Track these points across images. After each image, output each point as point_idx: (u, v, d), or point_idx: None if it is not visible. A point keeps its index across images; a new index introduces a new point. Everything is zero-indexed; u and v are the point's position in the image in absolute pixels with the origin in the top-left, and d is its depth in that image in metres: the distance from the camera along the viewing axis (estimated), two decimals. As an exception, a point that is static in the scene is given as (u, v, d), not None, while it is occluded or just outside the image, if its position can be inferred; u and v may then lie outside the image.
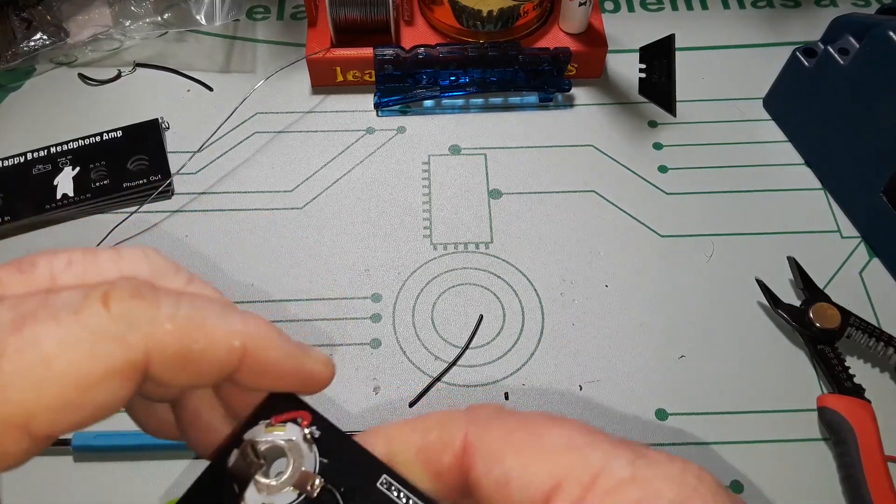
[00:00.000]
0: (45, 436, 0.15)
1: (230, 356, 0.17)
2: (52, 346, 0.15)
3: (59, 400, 0.15)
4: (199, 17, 0.48)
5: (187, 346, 0.16)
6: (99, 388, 0.15)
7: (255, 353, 0.17)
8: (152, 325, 0.16)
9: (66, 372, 0.15)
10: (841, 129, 0.42)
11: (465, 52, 0.45)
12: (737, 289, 0.40)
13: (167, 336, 0.16)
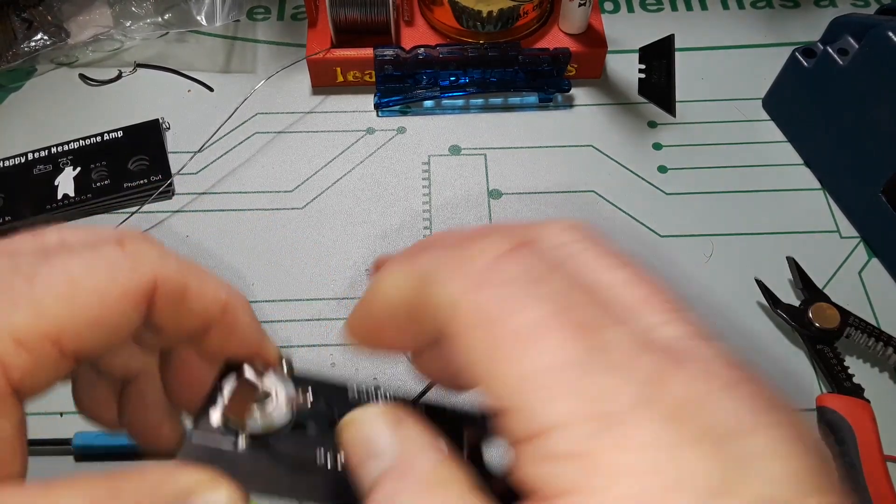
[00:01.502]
0: (73, 351, 0.17)
1: (215, 306, 0.19)
2: (78, 270, 0.17)
3: (85, 316, 0.17)
4: (200, 17, 0.48)
5: (185, 284, 0.19)
6: (116, 309, 0.17)
7: (233, 312, 0.20)
8: (160, 261, 0.18)
9: (91, 292, 0.17)
10: (840, 129, 0.42)
11: (465, 53, 0.46)
12: (736, 289, 0.40)
13: (171, 272, 0.18)
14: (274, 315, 0.39)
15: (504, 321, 0.14)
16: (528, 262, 0.15)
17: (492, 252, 0.15)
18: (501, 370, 0.13)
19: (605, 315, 0.14)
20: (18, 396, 0.16)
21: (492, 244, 0.15)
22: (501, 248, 0.15)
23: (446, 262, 0.16)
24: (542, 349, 0.13)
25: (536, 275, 0.15)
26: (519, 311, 0.14)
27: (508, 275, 0.15)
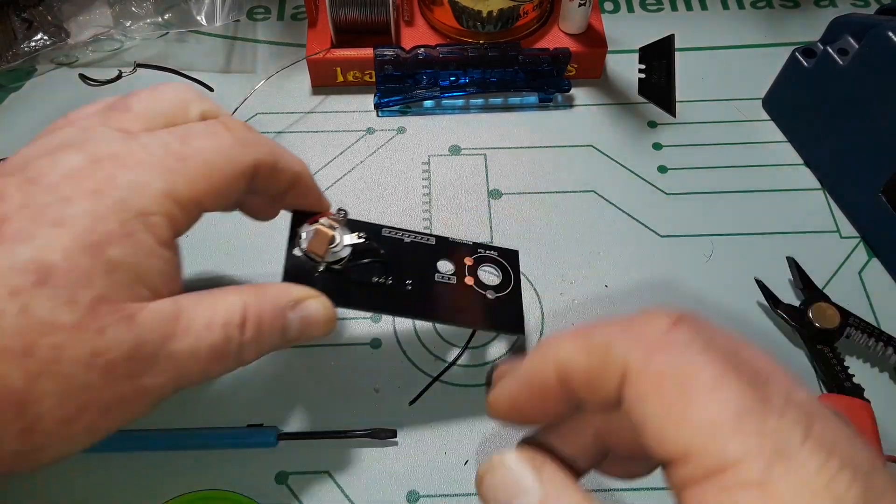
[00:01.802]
0: (205, 210, 0.25)
1: (293, 176, 0.28)
2: (210, 155, 0.25)
3: (215, 187, 0.25)
4: (200, 17, 0.48)
5: (276, 161, 0.27)
6: (234, 181, 0.25)
7: (303, 178, 0.29)
8: (258, 145, 0.27)
9: (219, 170, 0.25)
10: (840, 129, 0.42)
11: (465, 53, 0.46)
12: (736, 289, 0.40)
13: (266, 154, 0.27)
14: (274, 315, 0.39)
15: (687, 377, 0.17)
16: (695, 332, 0.18)
17: (660, 325, 0.18)
18: (686, 418, 0.16)
19: (760, 375, 0.17)
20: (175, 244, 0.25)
21: (658, 319, 0.19)
22: (667, 322, 0.19)
23: (621, 335, 0.19)
24: (722, 399, 0.16)
25: (704, 341, 0.18)
26: (699, 369, 0.17)
27: (682, 342, 0.18)
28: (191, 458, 0.35)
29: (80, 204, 0.22)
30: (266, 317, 0.26)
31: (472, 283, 0.34)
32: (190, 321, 0.24)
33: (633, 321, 0.19)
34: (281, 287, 0.28)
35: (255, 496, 0.34)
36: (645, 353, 0.18)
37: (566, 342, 0.20)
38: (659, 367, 0.17)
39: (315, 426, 0.36)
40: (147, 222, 0.23)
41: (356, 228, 0.32)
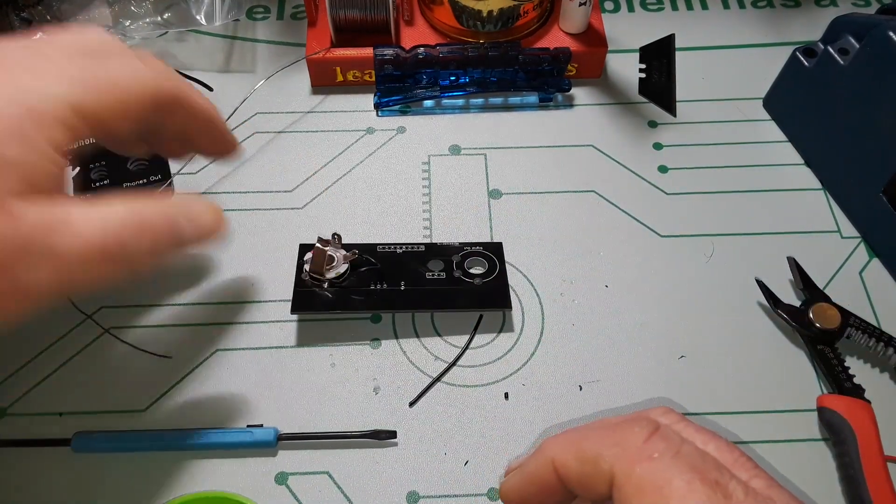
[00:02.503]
0: (102, 123, 0.26)
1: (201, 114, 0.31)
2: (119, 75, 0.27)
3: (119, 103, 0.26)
4: (199, 16, 0.48)
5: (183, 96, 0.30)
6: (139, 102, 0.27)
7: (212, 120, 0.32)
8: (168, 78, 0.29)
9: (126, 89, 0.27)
10: (841, 129, 0.42)
11: (465, 53, 0.45)
12: (737, 289, 0.40)
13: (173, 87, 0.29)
14: (275, 314, 0.39)
15: (663, 485, 0.21)
16: (666, 443, 0.22)
17: (639, 437, 0.22)
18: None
19: (722, 474, 0.21)
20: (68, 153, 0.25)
21: (637, 431, 0.22)
22: (644, 434, 0.22)
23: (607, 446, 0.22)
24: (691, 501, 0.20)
25: (675, 450, 0.22)
26: (672, 477, 0.21)
27: (658, 451, 0.22)
28: (191, 458, 0.35)
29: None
30: (158, 220, 0.27)
31: (461, 276, 0.39)
32: (78, 221, 0.24)
33: (616, 430, 0.23)
34: (168, 194, 0.30)
35: (254, 496, 0.34)
36: (627, 464, 0.21)
37: (562, 449, 0.24)
38: (639, 476, 0.21)
39: (315, 427, 0.36)
40: (42, 124, 0.23)
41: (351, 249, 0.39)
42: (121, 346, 0.38)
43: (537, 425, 0.36)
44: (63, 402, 0.36)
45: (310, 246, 0.38)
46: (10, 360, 0.38)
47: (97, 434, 0.35)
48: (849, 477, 0.33)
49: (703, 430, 0.24)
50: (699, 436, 0.23)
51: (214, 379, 0.37)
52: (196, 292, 0.40)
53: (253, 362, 0.38)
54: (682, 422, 0.24)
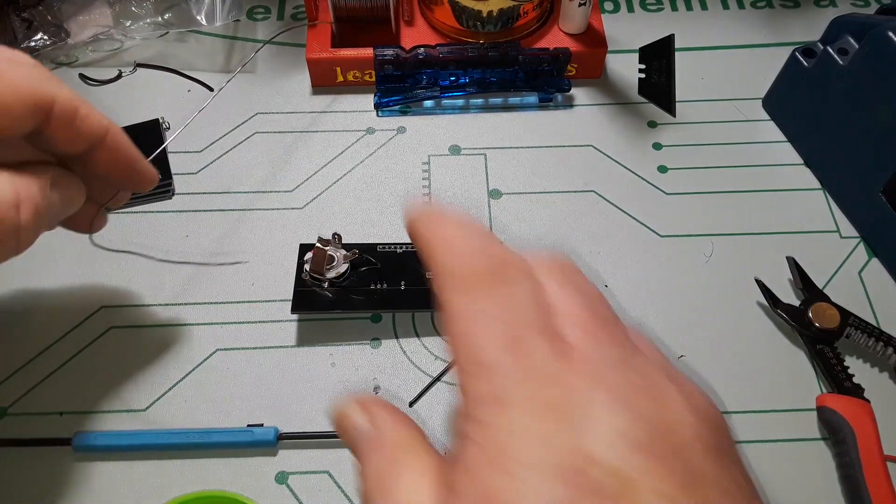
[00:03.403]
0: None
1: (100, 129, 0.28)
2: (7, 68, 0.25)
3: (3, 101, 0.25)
4: (200, 17, 0.48)
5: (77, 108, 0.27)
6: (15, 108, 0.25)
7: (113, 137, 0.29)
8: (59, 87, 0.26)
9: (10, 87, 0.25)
10: (840, 129, 0.42)
11: (464, 53, 0.45)
12: (736, 289, 0.40)
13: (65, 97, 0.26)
14: (275, 314, 0.39)
15: (467, 318, 0.19)
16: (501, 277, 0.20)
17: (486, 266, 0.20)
18: None
19: (533, 334, 0.18)
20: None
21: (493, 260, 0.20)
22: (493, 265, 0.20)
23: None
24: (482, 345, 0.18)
25: (500, 280, 0.20)
26: (480, 313, 0.19)
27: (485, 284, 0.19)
28: (191, 457, 0.35)
29: None
30: (38, 197, 0.26)
31: None
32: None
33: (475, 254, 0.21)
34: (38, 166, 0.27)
35: (255, 496, 0.34)
36: (451, 290, 0.20)
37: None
38: (455, 304, 0.19)
39: (315, 426, 0.36)
40: None
41: (351, 248, 0.39)
42: (121, 345, 0.38)
43: (537, 425, 0.36)
44: (63, 402, 0.37)
45: (310, 246, 0.39)
46: (11, 360, 0.38)
47: (97, 434, 0.35)
48: (848, 476, 0.34)
49: (586, 291, 0.21)
50: (572, 295, 0.21)
51: (215, 379, 0.37)
52: (196, 292, 0.40)
53: (253, 362, 0.38)
54: (569, 277, 0.21)
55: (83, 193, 0.29)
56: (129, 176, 0.30)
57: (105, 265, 0.41)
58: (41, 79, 0.25)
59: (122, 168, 0.30)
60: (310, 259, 0.38)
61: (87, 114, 0.27)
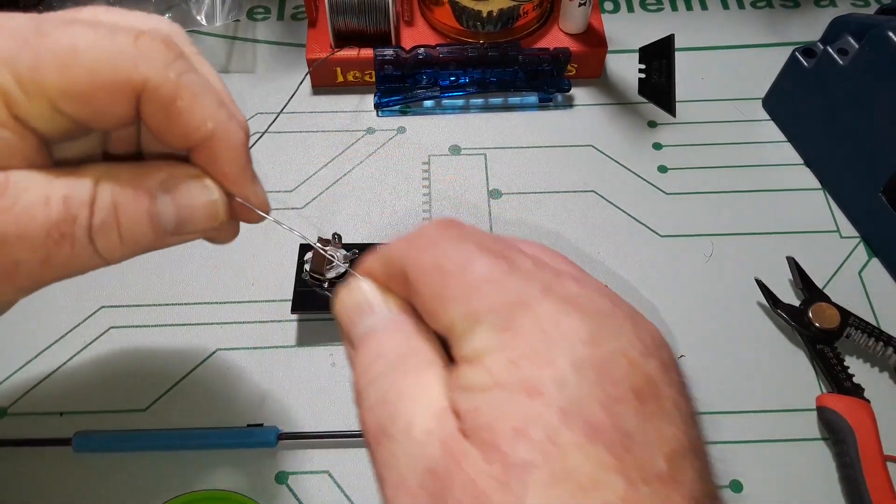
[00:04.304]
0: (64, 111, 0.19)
1: (196, 132, 0.21)
2: (83, 44, 0.19)
3: (78, 87, 0.19)
4: (200, 17, 0.48)
5: (172, 99, 0.20)
6: (107, 96, 0.19)
7: (217, 145, 0.21)
8: (161, 67, 0.20)
9: (89, 67, 0.19)
10: (840, 129, 0.42)
11: (465, 53, 0.46)
12: (736, 289, 0.40)
13: (166, 82, 0.20)
14: (275, 315, 0.39)
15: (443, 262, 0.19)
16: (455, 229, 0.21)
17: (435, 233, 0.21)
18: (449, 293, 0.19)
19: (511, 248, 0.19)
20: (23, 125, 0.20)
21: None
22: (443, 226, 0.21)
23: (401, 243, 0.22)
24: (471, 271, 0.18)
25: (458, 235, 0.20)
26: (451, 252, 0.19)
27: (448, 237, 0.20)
28: (191, 458, 0.35)
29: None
30: (125, 196, 0.21)
31: None
32: (18, 193, 0.19)
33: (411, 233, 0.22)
34: (153, 164, 0.22)
35: (255, 496, 0.34)
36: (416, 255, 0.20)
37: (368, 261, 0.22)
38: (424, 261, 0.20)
39: (315, 426, 0.36)
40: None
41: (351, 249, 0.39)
42: (121, 345, 0.38)
43: (537, 425, 0.36)
44: (63, 402, 0.37)
45: (310, 246, 0.39)
46: (11, 360, 0.38)
47: (98, 434, 0.35)
48: (848, 476, 0.34)
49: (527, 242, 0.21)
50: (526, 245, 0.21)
51: (214, 379, 0.37)
52: (196, 292, 0.40)
53: (253, 362, 0.38)
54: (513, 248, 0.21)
55: (217, 208, 0.22)
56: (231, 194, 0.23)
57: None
58: (132, 56, 0.20)
59: (223, 182, 0.22)
60: (310, 259, 0.38)
61: (185, 108, 0.20)
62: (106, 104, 0.20)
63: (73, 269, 0.21)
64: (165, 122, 0.21)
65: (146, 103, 0.20)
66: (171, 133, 0.21)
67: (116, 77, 0.19)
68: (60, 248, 0.20)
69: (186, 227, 0.22)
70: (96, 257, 0.21)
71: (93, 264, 0.21)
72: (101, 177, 0.20)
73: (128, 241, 0.21)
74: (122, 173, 0.21)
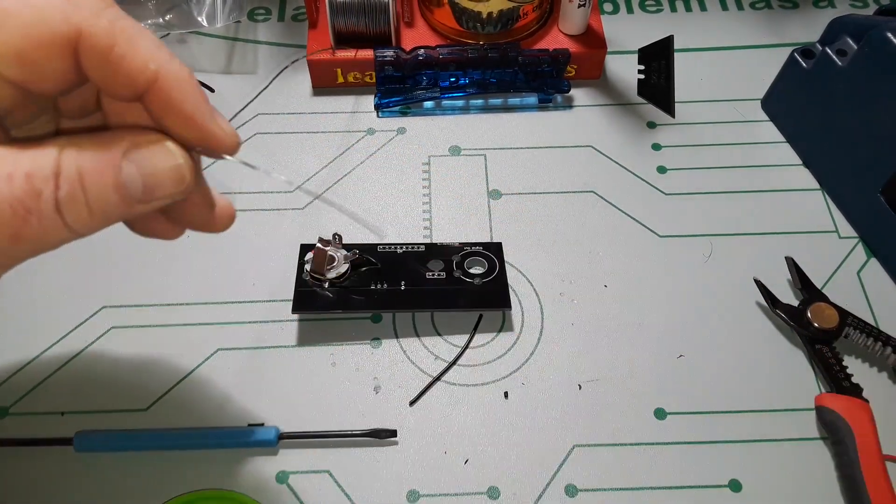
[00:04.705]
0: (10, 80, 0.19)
1: (141, 76, 0.21)
2: (12, 2, 0.19)
3: (12, 48, 0.19)
4: (201, 18, 0.48)
5: (110, 45, 0.20)
6: (43, 51, 0.19)
7: (165, 86, 0.21)
8: (93, 15, 0.20)
9: (20, 26, 0.19)
10: (839, 129, 0.42)
11: (464, 54, 0.46)
12: (735, 289, 0.40)
13: (100, 29, 0.20)
14: (276, 315, 0.39)
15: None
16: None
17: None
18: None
19: None
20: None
21: None
22: None
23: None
24: None
25: None
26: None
27: None
28: (191, 457, 0.35)
29: None
30: (89, 166, 0.20)
31: (461, 276, 0.39)
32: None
33: None
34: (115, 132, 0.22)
35: (255, 496, 0.34)
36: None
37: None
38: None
39: (315, 426, 0.36)
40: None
41: (352, 249, 0.39)
42: (122, 345, 0.38)
43: (537, 424, 0.36)
44: (64, 402, 0.37)
45: (311, 246, 0.39)
46: (12, 360, 0.38)
47: (98, 433, 0.35)
48: (847, 476, 0.34)
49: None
50: None
51: (215, 378, 0.37)
52: (196, 292, 0.40)
53: (254, 362, 0.38)
54: None
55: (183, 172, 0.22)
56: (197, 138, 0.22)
57: (105, 265, 0.41)
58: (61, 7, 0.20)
59: (184, 127, 0.22)
60: (310, 259, 0.38)
61: (125, 53, 0.20)
62: (44, 61, 0.20)
63: (45, 244, 0.21)
64: (107, 71, 0.20)
65: (85, 55, 0.20)
66: (115, 82, 0.21)
67: (51, 30, 0.19)
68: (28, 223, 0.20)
69: (154, 192, 0.22)
70: (66, 230, 0.21)
71: (64, 237, 0.21)
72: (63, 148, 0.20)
73: (96, 211, 0.21)
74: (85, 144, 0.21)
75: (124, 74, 0.20)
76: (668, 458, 0.35)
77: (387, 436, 0.35)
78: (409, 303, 0.38)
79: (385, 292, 0.38)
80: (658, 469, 0.35)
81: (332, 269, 0.38)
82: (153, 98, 0.21)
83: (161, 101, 0.21)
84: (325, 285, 0.38)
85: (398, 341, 0.39)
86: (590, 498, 0.34)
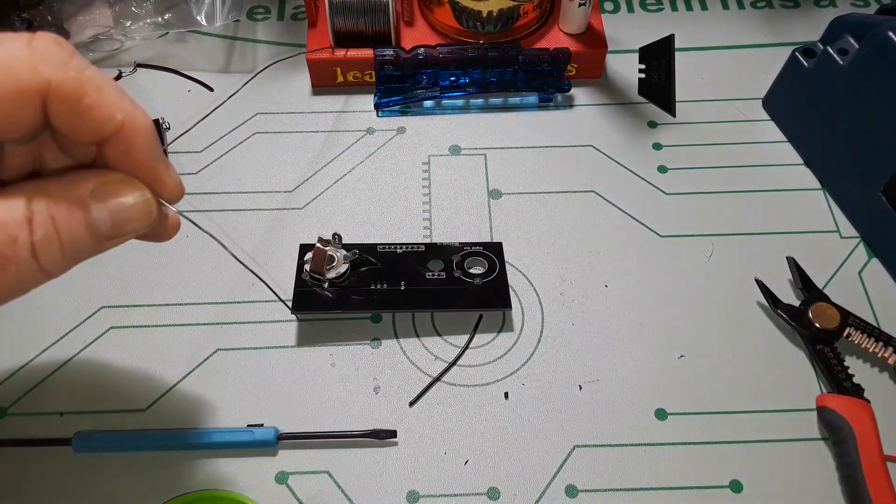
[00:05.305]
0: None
1: (107, 125, 0.22)
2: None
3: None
4: (200, 17, 0.48)
5: (80, 95, 0.21)
6: (12, 101, 0.20)
7: (128, 135, 0.22)
8: (61, 66, 0.21)
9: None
10: (840, 129, 0.42)
11: (465, 53, 0.46)
12: (736, 289, 0.40)
13: (69, 80, 0.21)
14: (276, 315, 0.39)
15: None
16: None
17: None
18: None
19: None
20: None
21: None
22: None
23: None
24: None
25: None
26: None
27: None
28: (191, 458, 0.35)
29: None
30: (60, 210, 0.21)
31: (461, 276, 0.39)
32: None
33: None
34: (77, 174, 0.23)
35: (255, 496, 0.34)
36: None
37: None
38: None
39: (315, 426, 0.36)
40: None
41: (351, 249, 0.39)
42: (121, 345, 0.38)
43: (537, 425, 0.36)
44: (63, 402, 0.37)
45: (310, 246, 0.39)
46: (11, 360, 0.38)
47: (98, 434, 0.35)
48: (848, 476, 0.34)
49: None
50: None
51: (215, 379, 0.37)
52: (196, 292, 0.40)
53: (253, 362, 0.38)
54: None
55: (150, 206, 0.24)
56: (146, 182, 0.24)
57: (105, 265, 0.41)
58: (29, 60, 0.20)
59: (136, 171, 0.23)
60: (310, 259, 0.38)
61: (93, 103, 0.21)
62: (14, 111, 0.20)
63: (20, 289, 0.22)
64: (75, 120, 0.21)
65: (53, 104, 0.21)
66: (82, 130, 0.22)
67: (20, 83, 0.20)
68: (6, 270, 0.20)
69: (122, 228, 0.23)
70: (41, 273, 0.22)
71: (38, 280, 0.22)
72: (31, 195, 0.21)
73: (69, 251, 0.22)
74: (52, 188, 0.22)
75: (91, 123, 0.21)
76: (669, 458, 0.35)
77: (387, 436, 0.35)
78: (408, 303, 0.38)
79: (385, 292, 0.38)
80: (659, 470, 0.35)
81: (331, 269, 0.38)
82: (114, 144, 0.22)
83: (121, 148, 0.22)
84: (324, 285, 0.38)
85: (398, 341, 0.39)
86: (590, 498, 0.34)
